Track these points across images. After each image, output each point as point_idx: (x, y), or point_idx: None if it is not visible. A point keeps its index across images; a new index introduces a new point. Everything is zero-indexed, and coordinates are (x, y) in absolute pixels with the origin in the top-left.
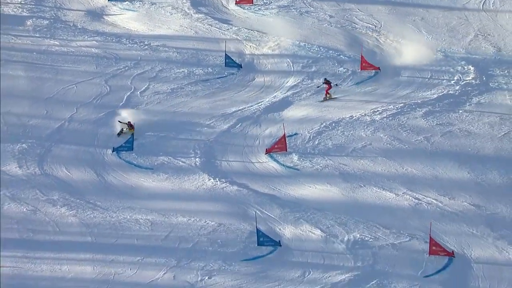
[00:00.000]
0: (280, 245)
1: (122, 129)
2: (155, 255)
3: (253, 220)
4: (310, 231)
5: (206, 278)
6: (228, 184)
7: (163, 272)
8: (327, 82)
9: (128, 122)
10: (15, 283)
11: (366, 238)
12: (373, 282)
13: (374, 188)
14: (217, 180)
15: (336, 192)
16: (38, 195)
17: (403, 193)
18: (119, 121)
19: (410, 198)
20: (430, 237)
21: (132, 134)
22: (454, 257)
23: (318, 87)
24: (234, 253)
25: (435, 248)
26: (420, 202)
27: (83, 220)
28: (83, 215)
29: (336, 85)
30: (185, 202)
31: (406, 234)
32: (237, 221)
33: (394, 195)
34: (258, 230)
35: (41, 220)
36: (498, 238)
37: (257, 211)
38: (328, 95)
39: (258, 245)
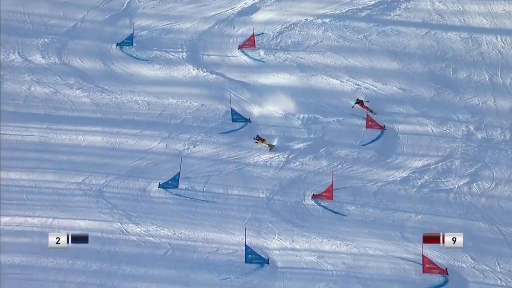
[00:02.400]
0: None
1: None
2: (151, 129)
3: (228, 102)
4: (273, 110)
5: (192, 147)
6: (208, 73)
7: (157, 142)
8: (358, 102)
9: None
10: (41, 148)
11: (317, 116)
12: (322, 149)
13: (324, 76)
14: (199, 70)
15: (294, 80)
16: (58, 80)
17: (346, 80)
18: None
19: (352, 84)
20: (367, 114)
21: None
22: (385, 129)
23: (352, 107)
24: (213, 127)
25: (371, 122)
26: (359, 87)
27: (94, 100)
28: (94, 96)
29: (368, 101)
30: (174, 87)
31: (348, 112)
32: (216, 102)
33: (339, 81)
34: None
35: (61, 100)
36: (419, 115)
37: (232, 95)
38: (369, 109)
39: None
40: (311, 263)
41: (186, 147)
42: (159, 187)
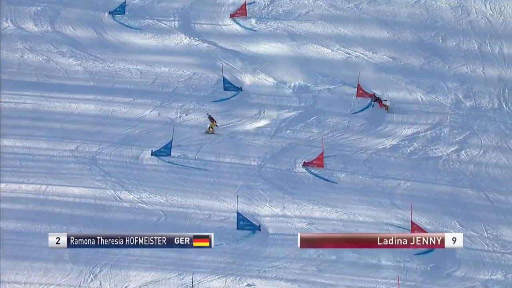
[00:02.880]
0: None
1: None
2: (143, 97)
3: (220, 71)
4: (265, 79)
5: (184, 115)
6: (200, 42)
7: (150, 110)
8: (377, 99)
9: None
10: (35, 116)
11: (308, 84)
12: (313, 118)
13: (315, 45)
14: (191, 38)
15: (285, 49)
16: (51, 48)
17: (337, 49)
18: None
19: (343, 52)
20: (358, 83)
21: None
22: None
23: (372, 106)
24: (205, 96)
25: (361, 91)
26: (350, 56)
27: (87, 68)
28: (87, 64)
29: (386, 100)
30: (166, 56)
31: (339, 81)
32: (208, 71)
33: (330, 50)
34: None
35: (54, 68)
36: (409, 83)
37: (223, 63)
38: (385, 106)
39: None
40: (302, 229)
41: (178, 115)
42: (151, 154)
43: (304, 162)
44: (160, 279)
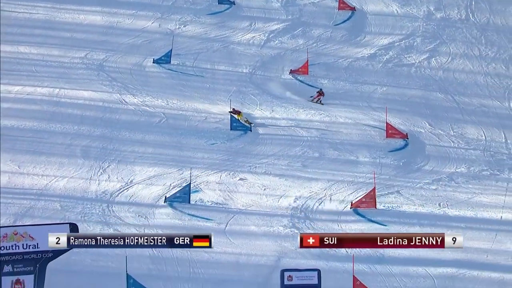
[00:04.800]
0: None
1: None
2: (145, 9)
3: None
4: None
5: (182, 26)
6: None
7: (151, 22)
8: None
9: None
10: (47, 26)
11: None
12: (299, 29)
13: None
14: None
15: None
16: None
17: None
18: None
19: None
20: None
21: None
22: (355, 10)
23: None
24: (202, 9)
25: (342, 4)
26: None
27: None
28: None
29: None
30: None
31: None
32: None
33: None
34: None
35: None
36: None
37: None
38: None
39: None
40: (288, 130)
41: (177, 27)
42: (153, 62)
43: (291, 70)
44: (162, 174)
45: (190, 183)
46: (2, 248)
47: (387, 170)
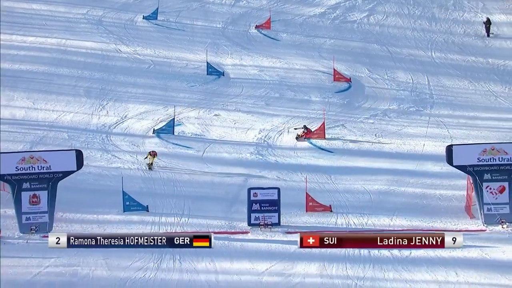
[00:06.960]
0: None
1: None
2: None
3: None
4: None
5: None
6: None
7: None
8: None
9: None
10: None
11: None
12: None
13: None
14: None
15: None
16: None
17: None
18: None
19: None
20: None
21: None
22: None
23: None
24: None
25: None
26: None
27: None
28: None
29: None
30: None
31: None
32: None
33: None
34: None
35: None
36: None
37: None
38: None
39: None
40: (254, 75)
41: None
42: (143, 18)
43: (256, 25)
44: (151, 110)
45: (174, 118)
46: (21, 169)
47: (334, 108)
